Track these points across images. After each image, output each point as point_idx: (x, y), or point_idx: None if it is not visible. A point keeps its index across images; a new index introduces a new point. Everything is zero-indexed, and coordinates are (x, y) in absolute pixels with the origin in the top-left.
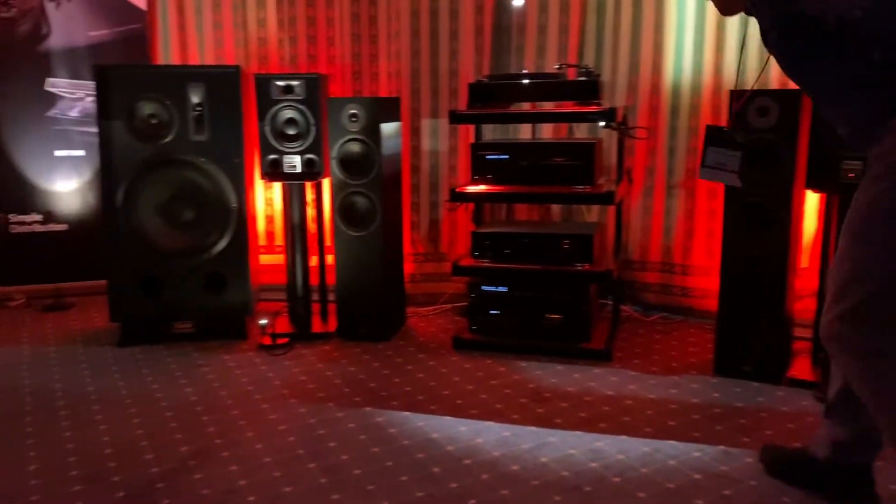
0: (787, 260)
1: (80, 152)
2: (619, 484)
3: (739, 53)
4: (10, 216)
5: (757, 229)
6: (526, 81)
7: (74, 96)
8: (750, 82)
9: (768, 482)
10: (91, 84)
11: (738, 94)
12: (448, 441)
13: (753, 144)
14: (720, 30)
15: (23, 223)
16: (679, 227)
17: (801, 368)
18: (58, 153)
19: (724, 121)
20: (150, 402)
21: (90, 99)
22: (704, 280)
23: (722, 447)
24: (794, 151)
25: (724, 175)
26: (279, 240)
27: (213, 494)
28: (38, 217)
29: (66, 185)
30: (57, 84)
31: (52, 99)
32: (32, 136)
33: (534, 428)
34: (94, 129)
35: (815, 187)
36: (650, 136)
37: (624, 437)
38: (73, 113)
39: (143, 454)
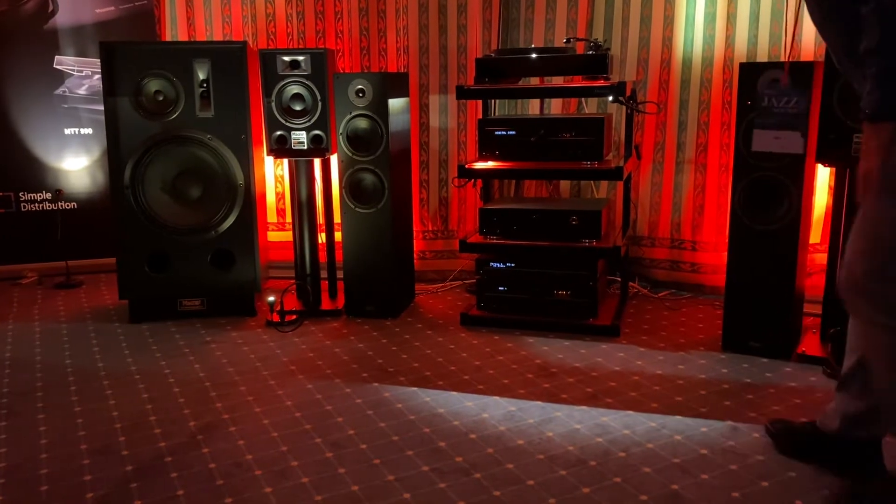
0: (797, 235)
1: (89, 130)
2: (624, 459)
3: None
4: (20, 194)
5: (766, 204)
6: (534, 56)
7: (82, 74)
8: (761, 55)
9: (775, 457)
10: (98, 62)
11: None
12: (454, 416)
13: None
14: (731, 2)
15: (33, 201)
16: (689, 202)
17: (811, 344)
18: (67, 131)
19: (733, 94)
20: (158, 377)
21: (98, 77)
22: (714, 256)
23: (729, 422)
24: (804, 124)
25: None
26: (290, 217)
27: (220, 468)
28: (48, 195)
29: (76, 164)
30: (64, 62)
31: (61, 77)
32: (41, 114)
33: (540, 403)
34: (102, 107)
35: (825, 161)
36: (660, 111)
37: (630, 413)
38: (82, 91)
39: (151, 429)
